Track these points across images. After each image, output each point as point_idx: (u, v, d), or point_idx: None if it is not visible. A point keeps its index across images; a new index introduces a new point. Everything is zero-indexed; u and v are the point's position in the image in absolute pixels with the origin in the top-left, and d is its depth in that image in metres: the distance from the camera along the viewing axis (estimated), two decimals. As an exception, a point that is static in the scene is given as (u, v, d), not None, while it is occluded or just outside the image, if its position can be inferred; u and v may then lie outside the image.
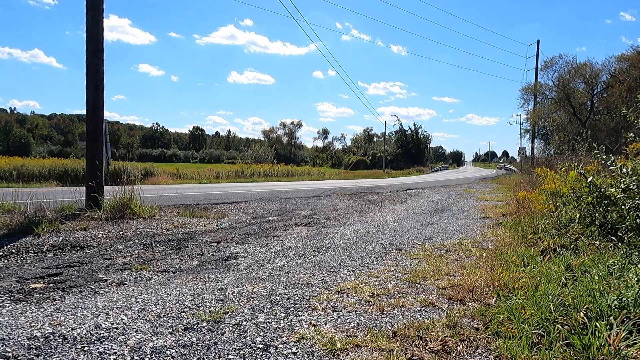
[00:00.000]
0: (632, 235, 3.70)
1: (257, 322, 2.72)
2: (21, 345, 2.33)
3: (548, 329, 2.29)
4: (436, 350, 2.33)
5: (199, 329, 2.60)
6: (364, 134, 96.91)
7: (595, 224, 4.34)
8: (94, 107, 7.25)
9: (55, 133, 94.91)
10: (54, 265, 4.23)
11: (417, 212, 8.87)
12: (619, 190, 4.20)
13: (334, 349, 2.32)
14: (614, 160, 4.62)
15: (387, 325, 2.68)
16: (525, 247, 4.52)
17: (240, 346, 2.37)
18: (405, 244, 5.34)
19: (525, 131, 36.44)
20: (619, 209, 4.12)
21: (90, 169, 7.23)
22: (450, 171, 63.22)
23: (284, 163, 39.99)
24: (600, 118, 25.00)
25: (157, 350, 2.30)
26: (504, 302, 2.83)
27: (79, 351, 2.28)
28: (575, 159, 7.75)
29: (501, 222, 6.87)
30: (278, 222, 7.26)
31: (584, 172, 4.66)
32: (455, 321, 2.67)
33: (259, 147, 72.54)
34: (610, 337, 2.05)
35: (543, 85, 27.60)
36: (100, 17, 7.27)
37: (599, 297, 2.51)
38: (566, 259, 3.61)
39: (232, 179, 25.95)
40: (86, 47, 7.24)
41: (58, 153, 55.20)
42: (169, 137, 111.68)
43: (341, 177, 33.78)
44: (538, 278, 3.18)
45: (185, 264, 4.43)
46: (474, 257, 4.46)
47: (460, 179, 27.00)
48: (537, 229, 5.14)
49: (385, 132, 67.44)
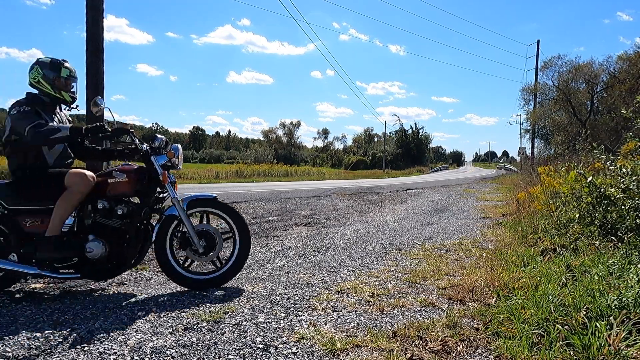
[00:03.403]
0: (632, 235, 3.70)
1: (257, 322, 2.72)
2: (21, 345, 2.34)
3: (548, 329, 2.29)
4: (436, 350, 2.33)
5: (199, 329, 2.60)
6: (364, 133, 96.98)
7: (595, 224, 4.33)
8: (94, 107, 7.24)
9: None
10: (54, 265, 4.23)
11: (417, 212, 8.87)
12: (619, 191, 4.20)
13: (334, 349, 2.32)
14: (614, 160, 4.62)
15: (387, 325, 2.69)
16: (525, 247, 4.52)
17: (240, 346, 2.37)
18: (405, 244, 5.34)
19: (525, 131, 36.42)
20: (618, 209, 4.12)
21: (90, 169, 7.22)
22: (450, 171, 63.27)
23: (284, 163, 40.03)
24: (600, 118, 25.01)
25: (157, 350, 2.30)
26: (504, 302, 2.83)
27: (79, 351, 2.28)
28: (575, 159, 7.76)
29: (501, 222, 6.87)
30: (278, 222, 7.27)
31: (584, 172, 4.66)
32: (455, 321, 2.67)
33: (259, 147, 72.61)
34: (610, 337, 2.05)
35: (543, 86, 27.61)
36: (101, 17, 7.27)
37: (599, 297, 2.51)
38: (566, 259, 3.62)
39: (231, 179, 25.97)
40: (86, 47, 7.23)
41: (58, 153, 55.14)
42: (168, 137, 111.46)
43: (341, 177, 33.79)
44: (538, 278, 3.18)
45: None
46: (474, 257, 4.46)
47: (460, 179, 27.01)
48: (537, 229, 5.14)
49: (385, 132, 67.52)
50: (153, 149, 3.48)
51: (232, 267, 3.51)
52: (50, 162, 3.41)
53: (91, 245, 3.24)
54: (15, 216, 3.29)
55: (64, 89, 3.46)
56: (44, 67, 3.39)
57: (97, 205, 3.31)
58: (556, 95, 26.31)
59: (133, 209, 3.35)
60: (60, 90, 3.44)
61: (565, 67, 25.32)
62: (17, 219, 3.29)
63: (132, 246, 3.40)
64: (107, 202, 3.32)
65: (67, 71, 3.46)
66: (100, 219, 3.30)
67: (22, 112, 3.25)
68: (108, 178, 3.36)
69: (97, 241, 3.26)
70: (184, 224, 3.43)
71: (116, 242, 3.32)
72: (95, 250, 3.23)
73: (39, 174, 3.32)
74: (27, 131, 3.15)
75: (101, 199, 3.32)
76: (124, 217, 3.32)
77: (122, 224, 3.31)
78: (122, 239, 3.35)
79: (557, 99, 26.24)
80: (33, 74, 3.40)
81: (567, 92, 24.72)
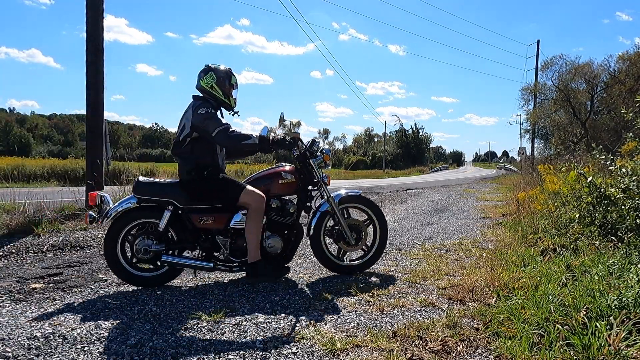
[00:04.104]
0: (632, 235, 3.70)
1: (257, 322, 2.72)
2: (21, 345, 2.34)
3: (548, 329, 2.29)
4: (436, 350, 2.33)
5: (199, 329, 2.60)
6: (364, 133, 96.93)
7: (595, 224, 4.33)
8: (94, 107, 7.24)
9: (55, 133, 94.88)
10: (54, 265, 4.23)
11: (417, 212, 8.87)
12: (619, 191, 4.20)
13: (334, 349, 2.32)
14: (614, 160, 4.62)
15: (387, 325, 2.69)
16: (525, 247, 4.52)
17: (240, 346, 2.37)
18: (405, 244, 5.34)
19: (525, 131, 36.33)
20: (618, 209, 4.12)
21: (90, 169, 7.22)
22: (450, 171, 63.23)
23: (284, 163, 39.95)
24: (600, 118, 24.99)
25: (157, 350, 2.30)
26: (504, 302, 2.83)
27: (79, 351, 2.28)
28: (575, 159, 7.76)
29: (501, 222, 6.86)
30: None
31: (584, 172, 4.66)
32: (455, 321, 2.67)
33: (259, 147, 72.35)
34: (610, 337, 2.05)
35: (543, 86, 27.57)
36: (100, 17, 7.27)
37: (599, 297, 2.51)
38: (566, 259, 3.61)
39: (232, 179, 25.92)
40: (86, 46, 7.23)
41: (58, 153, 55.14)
42: (169, 137, 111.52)
43: (341, 177, 33.76)
44: (538, 278, 3.18)
45: (185, 264, 4.42)
46: (474, 257, 4.46)
47: (460, 179, 27.01)
48: (537, 229, 5.14)
49: (385, 132, 67.49)
50: (311, 153, 3.74)
51: (376, 253, 3.98)
52: (220, 164, 3.62)
53: (271, 241, 3.54)
54: (189, 214, 3.50)
55: (230, 95, 3.67)
56: (218, 73, 3.59)
57: (271, 204, 3.58)
58: (556, 95, 26.29)
59: (298, 207, 3.70)
60: (227, 96, 3.64)
61: (565, 67, 25.30)
62: (191, 217, 3.50)
63: (298, 241, 3.72)
64: (279, 201, 3.62)
65: (235, 79, 3.70)
66: (275, 217, 3.60)
67: (210, 112, 3.42)
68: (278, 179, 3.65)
69: (275, 237, 3.57)
70: (338, 219, 3.79)
71: (287, 237, 3.64)
72: (275, 246, 3.56)
73: (215, 175, 3.50)
74: (217, 132, 3.34)
75: (273, 199, 3.60)
76: (293, 214, 3.64)
77: (293, 220, 3.64)
78: (290, 234, 3.66)
79: (557, 99, 26.22)
80: (207, 79, 3.56)
81: (567, 92, 24.70)
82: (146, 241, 3.44)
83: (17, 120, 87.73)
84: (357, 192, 3.99)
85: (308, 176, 3.74)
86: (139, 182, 3.53)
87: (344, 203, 3.87)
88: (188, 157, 3.49)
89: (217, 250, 3.57)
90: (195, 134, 3.43)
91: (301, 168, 3.74)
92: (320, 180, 3.74)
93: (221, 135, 3.35)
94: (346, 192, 3.91)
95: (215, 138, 3.37)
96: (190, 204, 3.48)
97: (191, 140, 3.46)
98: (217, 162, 3.57)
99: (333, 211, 3.76)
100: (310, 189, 3.81)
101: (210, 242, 3.52)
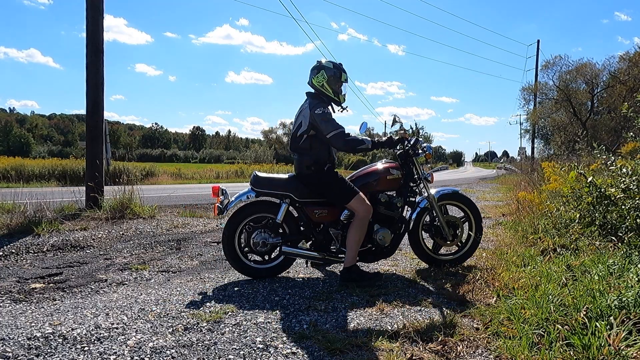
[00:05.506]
0: (632, 235, 3.69)
1: (257, 322, 2.72)
2: (21, 345, 2.33)
3: (548, 329, 2.29)
4: (436, 351, 2.33)
5: (199, 329, 2.60)
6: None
7: (595, 224, 4.33)
8: (94, 106, 7.25)
9: (55, 133, 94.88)
10: (54, 265, 4.23)
11: (417, 212, 8.86)
12: (619, 190, 4.20)
13: (334, 349, 2.32)
14: (614, 160, 4.61)
15: (387, 325, 2.68)
16: (525, 247, 4.52)
17: (240, 346, 2.37)
18: (406, 244, 5.33)
19: (525, 131, 36.35)
20: (619, 209, 4.12)
21: (90, 169, 7.23)
22: (450, 171, 63.15)
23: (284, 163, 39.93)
24: (600, 118, 24.98)
25: (157, 350, 2.30)
26: (504, 302, 2.83)
27: (79, 351, 2.28)
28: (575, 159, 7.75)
29: (501, 222, 6.86)
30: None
31: (584, 172, 4.66)
32: (455, 321, 2.67)
33: (259, 147, 72.47)
34: (610, 337, 2.05)
35: (543, 85, 27.57)
36: (100, 17, 7.28)
37: (599, 297, 2.51)
38: (566, 259, 3.61)
39: (232, 179, 25.94)
40: (86, 46, 7.24)
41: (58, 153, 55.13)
42: (168, 137, 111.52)
43: (341, 177, 33.70)
44: (538, 278, 3.18)
45: (185, 264, 4.43)
46: (474, 257, 4.46)
47: (460, 179, 27.00)
48: (537, 229, 5.14)
49: (385, 132, 67.46)
50: (414, 151, 3.86)
51: (471, 248, 4.13)
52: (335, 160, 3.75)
53: (382, 233, 3.67)
54: (305, 207, 3.65)
55: (340, 92, 3.74)
56: (329, 71, 3.66)
57: (380, 199, 3.72)
58: (556, 95, 26.28)
59: (404, 201, 3.82)
60: (337, 94, 3.71)
61: (566, 67, 25.29)
62: (306, 209, 3.64)
63: (403, 234, 3.85)
64: (388, 196, 3.76)
65: (345, 76, 3.74)
66: (384, 210, 3.73)
67: (327, 113, 3.54)
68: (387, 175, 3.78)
69: (384, 229, 3.69)
70: (437, 215, 3.93)
71: (394, 230, 3.76)
72: (385, 237, 3.68)
73: (333, 172, 3.64)
74: (333, 135, 3.48)
75: (381, 193, 3.74)
76: (399, 209, 3.78)
77: (399, 214, 3.78)
78: (396, 227, 3.78)
79: (557, 99, 26.22)
80: (318, 78, 3.66)
81: (567, 92, 24.69)
82: (263, 234, 3.62)
83: (17, 120, 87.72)
84: (454, 190, 4.13)
85: (409, 173, 3.87)
86: (257, 176, 3.69)
87: (442, 200, 4.00)
88: (307, 153, 3.60)
89: (329, 242, 3.69)
90: (312, 132, 3.55)
91: (403, 164, 3.87)
92: (423, 177, 3.91)
93: (337, 139, 3.49)
94: (444, 189, 4.06)
95: (331, 140, 3.50)
96: (306, 197, 3.63)
97: (309, 137, 3.57)
98: (334, 158, 3.70)
99: (432, 207, 3.91)
100: (411, 185, 3.91)
101: (323, 233, 3.66)
